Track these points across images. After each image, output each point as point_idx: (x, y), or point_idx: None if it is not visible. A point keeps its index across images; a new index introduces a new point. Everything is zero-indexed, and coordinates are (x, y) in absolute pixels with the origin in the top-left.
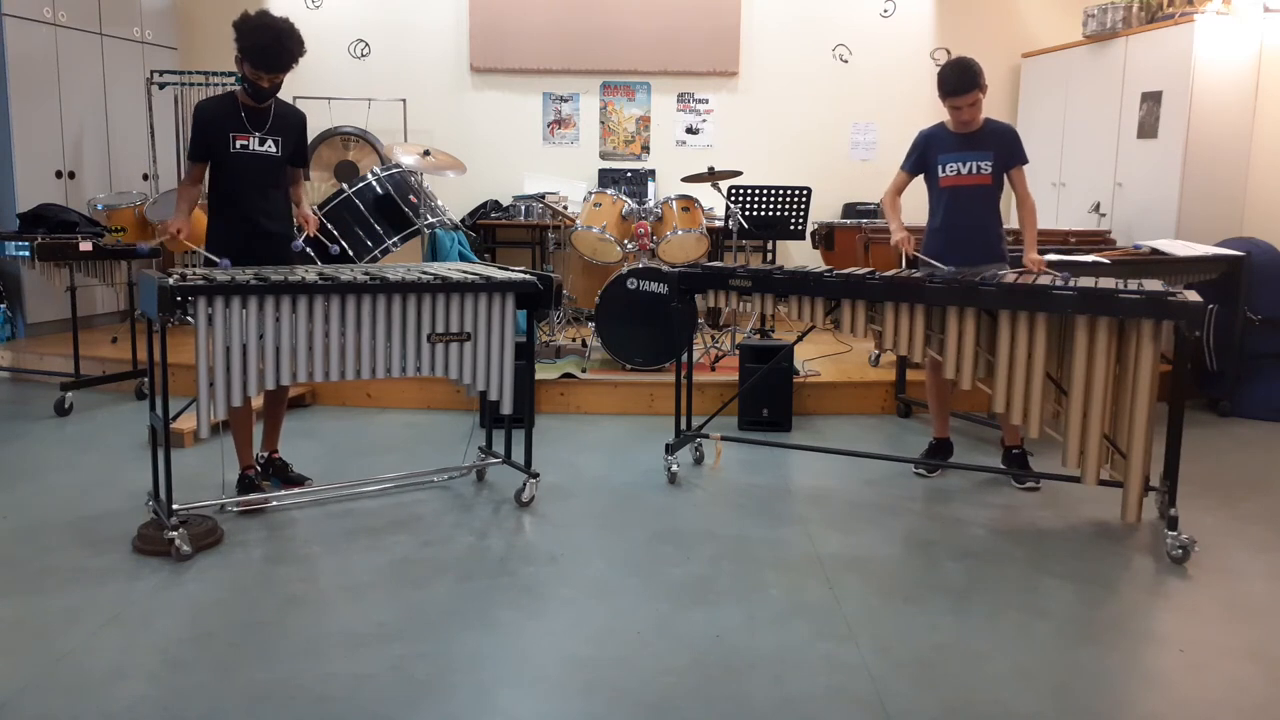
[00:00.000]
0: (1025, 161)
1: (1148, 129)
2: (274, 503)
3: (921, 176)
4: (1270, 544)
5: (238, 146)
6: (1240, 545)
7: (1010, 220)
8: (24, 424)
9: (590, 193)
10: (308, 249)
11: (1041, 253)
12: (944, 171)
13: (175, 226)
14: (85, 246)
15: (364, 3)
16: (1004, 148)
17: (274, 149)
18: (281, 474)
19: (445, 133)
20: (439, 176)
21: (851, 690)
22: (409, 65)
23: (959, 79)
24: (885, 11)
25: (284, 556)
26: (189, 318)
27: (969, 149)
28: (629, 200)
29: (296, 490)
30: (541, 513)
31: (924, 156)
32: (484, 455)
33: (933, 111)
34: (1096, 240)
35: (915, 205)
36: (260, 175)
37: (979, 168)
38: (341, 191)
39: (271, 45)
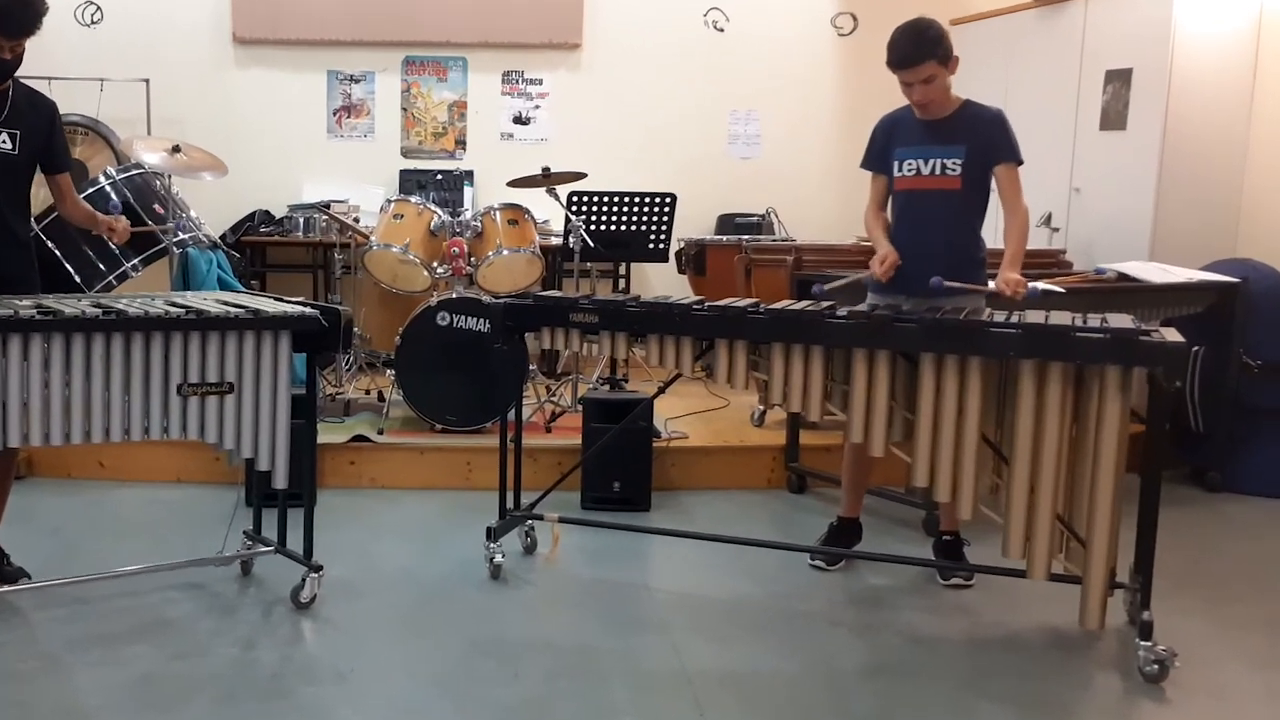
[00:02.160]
0: (1017, 159)
1: (1113, 118)
2: None
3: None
4: (1269, 657)
5: None
6: (1232, 658)
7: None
8: None
9: (389, 201)
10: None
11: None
12: (899, 170)
13: None
14: None
15: None
16: (982, 140)
17: (10, 145)
18: None
19: (201, 123)
20: (193, 179)
21: None
22: (153, 35)
23: (908, 47)
24: None
25: None
26: None
27: (934, 141)
28: (439, 211)
29: (9, 588)
30: (325, 616)
31: (884, 149)
32: (251, 542)
33: (839, 95)
34: (1047, 262)
35: None
36: None
37: (944, 166)
38: None
39: (9, 1)
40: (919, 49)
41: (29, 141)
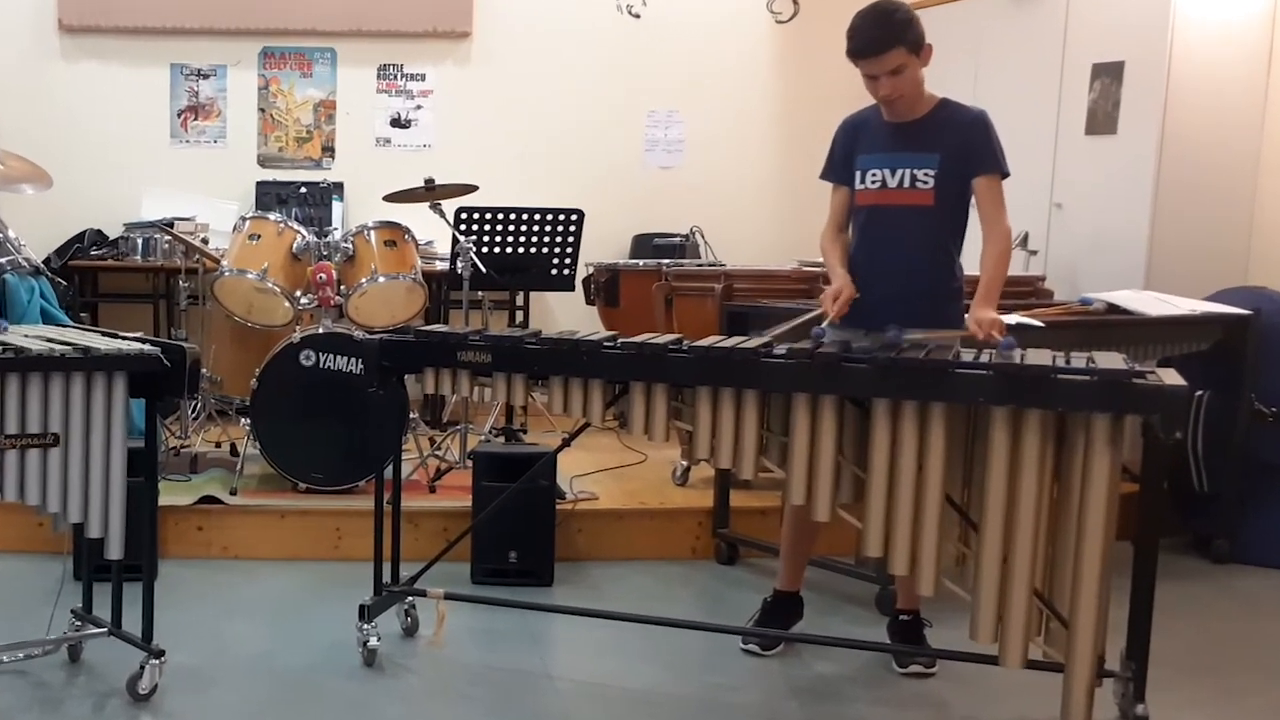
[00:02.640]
0: (1000, 171)
1: (1102, 120)
2: None
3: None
4: None
5: None
6: None
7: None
8: None
9: (244, 218)
10: None
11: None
12: (862, 182)
13: None
14: None
15: None
16: (960, 148)
17: None
18: None
19: (20, 126)
20: (11, 193)
21: None
22: None
23: (872, 32)
24: None
25: None
26: None
27: (903, 147)
28: (303, 230)
29: None
30: (168, 710)
31: (847, 155)
32: (80, 623)
33: (777, 93)
34: (1023, 291)
35: None
36: None
37: (914, 178)
38: None
39: None
40: (885, 34)
41: None
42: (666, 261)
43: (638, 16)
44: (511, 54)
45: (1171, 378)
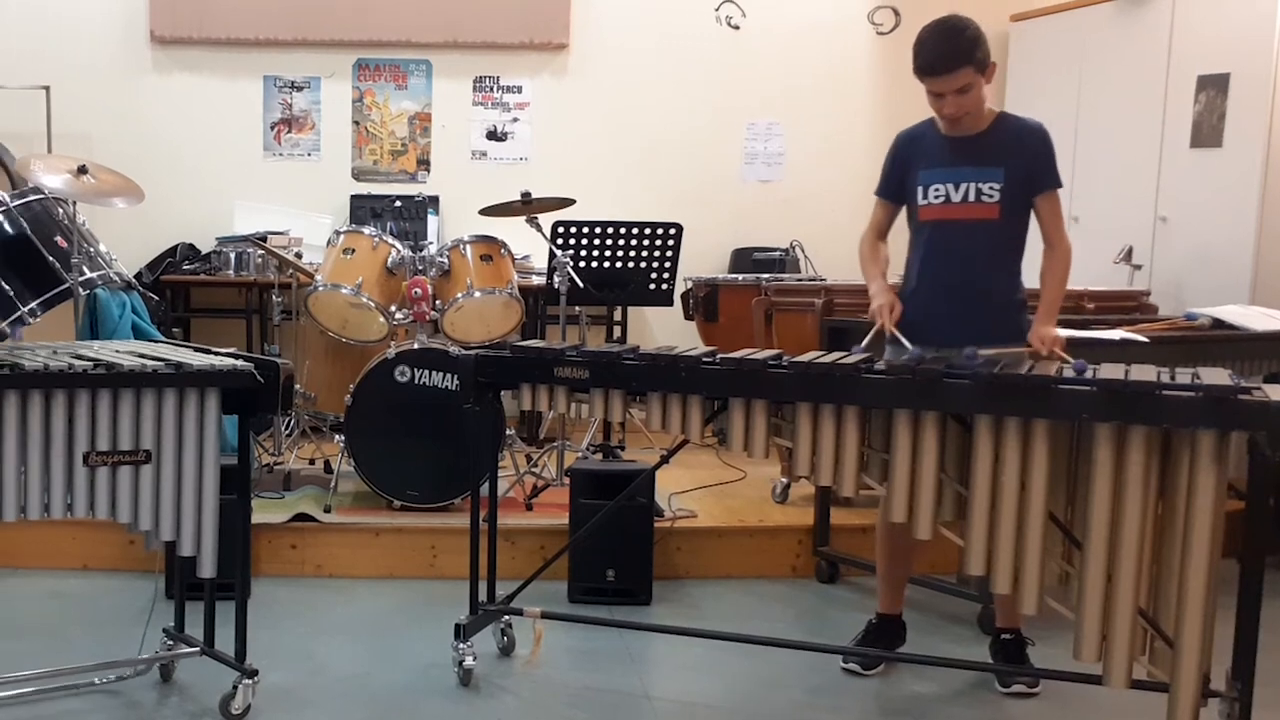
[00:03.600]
0: (1059, 184)
1: (1207, 133)
2: None
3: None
4: None
5: None
6: None
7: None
8: None
9: (338, 232)
10: None
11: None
12: (924, 197)
13: None
14: None
15: None
16: (1024, 161)
17: None
18: None
19: (111, 139)
20: (102, 206)
21: None
22: (54, 35)
23: (941, 50)
24: None
25: None
26: None
27: (966, 161)
28: (398, 244)
29: None
30: None
31: (903, 171)
32: (172, 642)
33: (878, 105)
34: (1127, 306)
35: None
36: None
37: (979, 192)
38: None
39: None
40: (954, 52)
41: None
42: (766, 276)
43: (737, 28)
44: (609, 66)
45: (1278, 393)
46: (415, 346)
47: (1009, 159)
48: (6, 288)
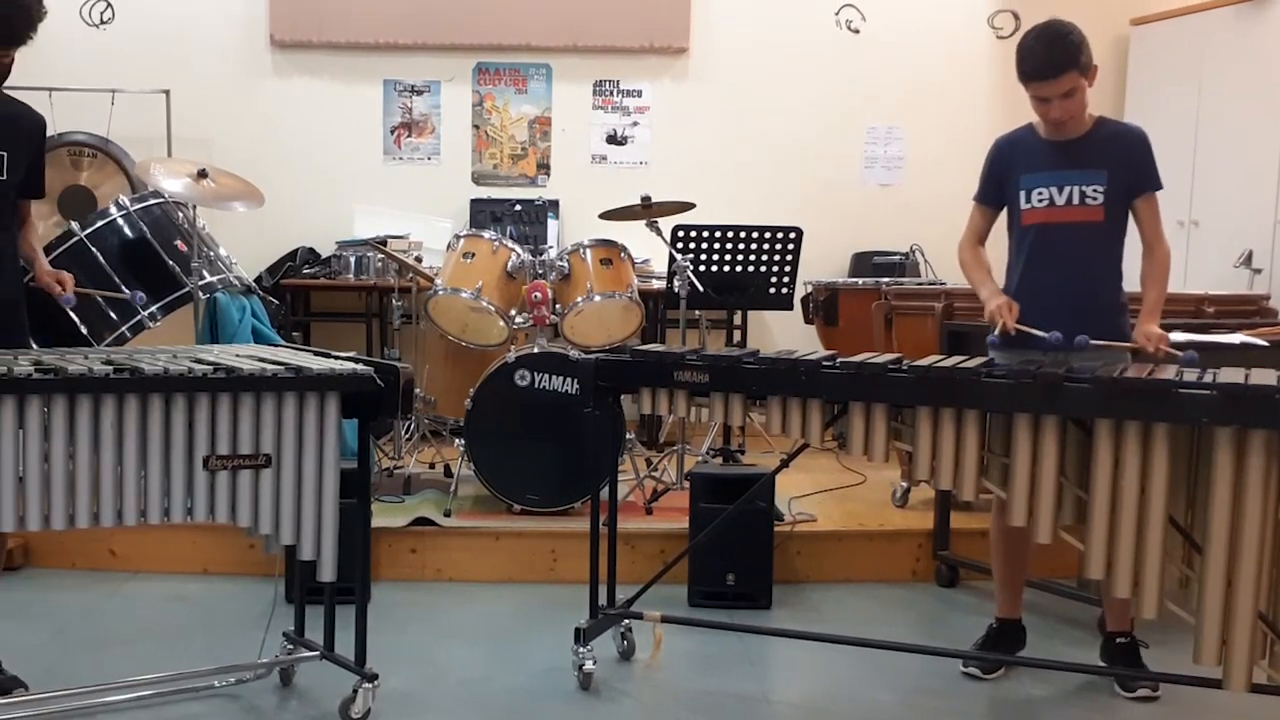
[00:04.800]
0: (1158, 186)
1: None
2: None
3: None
4: None
5: None
6: None
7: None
8: None
9: (458, 236)
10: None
11: (1167, 327)
12: (1028, 201)
13: None
14: None
15: None
16: (1126, 164)
17: None
18: None
19: (232, 143)
20: (222, 210)
21: None
22: (174, 38)
23: (1047, 55)
24: None
25: None
26: None
27: (1069, 164)
28: (518, 248)
29: (2, 701)
30: None
31: (1002, 176)
32: (292, 646)
33: (998, 110)
34: (1247, 309)
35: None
36: None
37: (1084, 195)
38: (70, 234)
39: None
40: (1060, 57)
41: (17, 165)
42: (886, 280)
43: (857, 32)
44: (729, 70)
45: None
46: (535, 350)
47: (1111, 161)
48: (126, 292)
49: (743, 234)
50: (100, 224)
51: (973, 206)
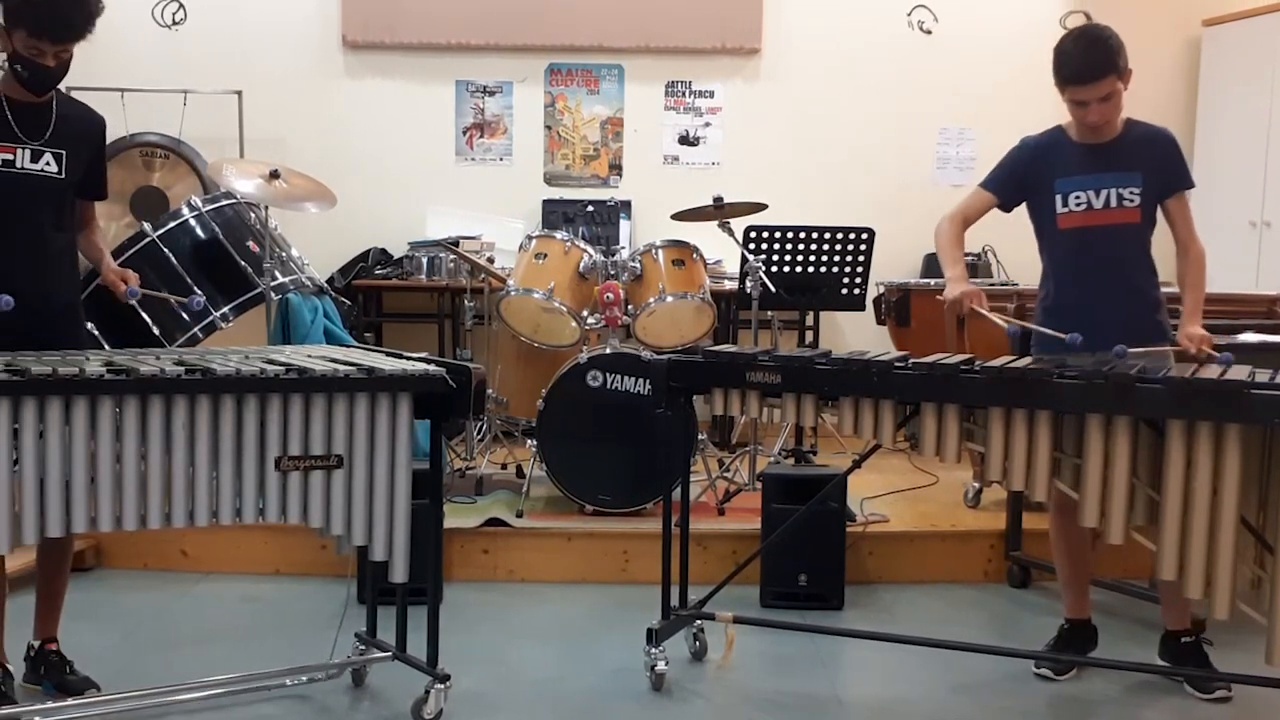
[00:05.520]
0: (1190, 185)
1: None
2: None
3: (1025, 213)
4: None
5: None
6: None
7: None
8: None
9: (530, 237)
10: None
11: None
12: (1064, 205)
13: None
14: None
15: None
16: (1159, 165)
17: (55, 168)
18: (56, 675)
19: (304, 144)
20: (294, 211)
21: None
22: (247, 39)
23: (1085, 58)
24: None
25: None
26: None
27: (1104, 167)
28: (590, 249)
29: (75, 702)
30: None
31: (1027, 178)
32: (364, 647)
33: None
34: None
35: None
36: (30, 209)
37: (1121, 197)
38: (142, 235)
39: None
40: (1100, 61)
41: (75, 165)
42: None
43: (929, 33)
44: (801, 71)
45: None
46: (607, 351)
47: (1145, 163)
48: (198, 293)
49: (815, 235)
50: (172, 225)
51: (976, 190)
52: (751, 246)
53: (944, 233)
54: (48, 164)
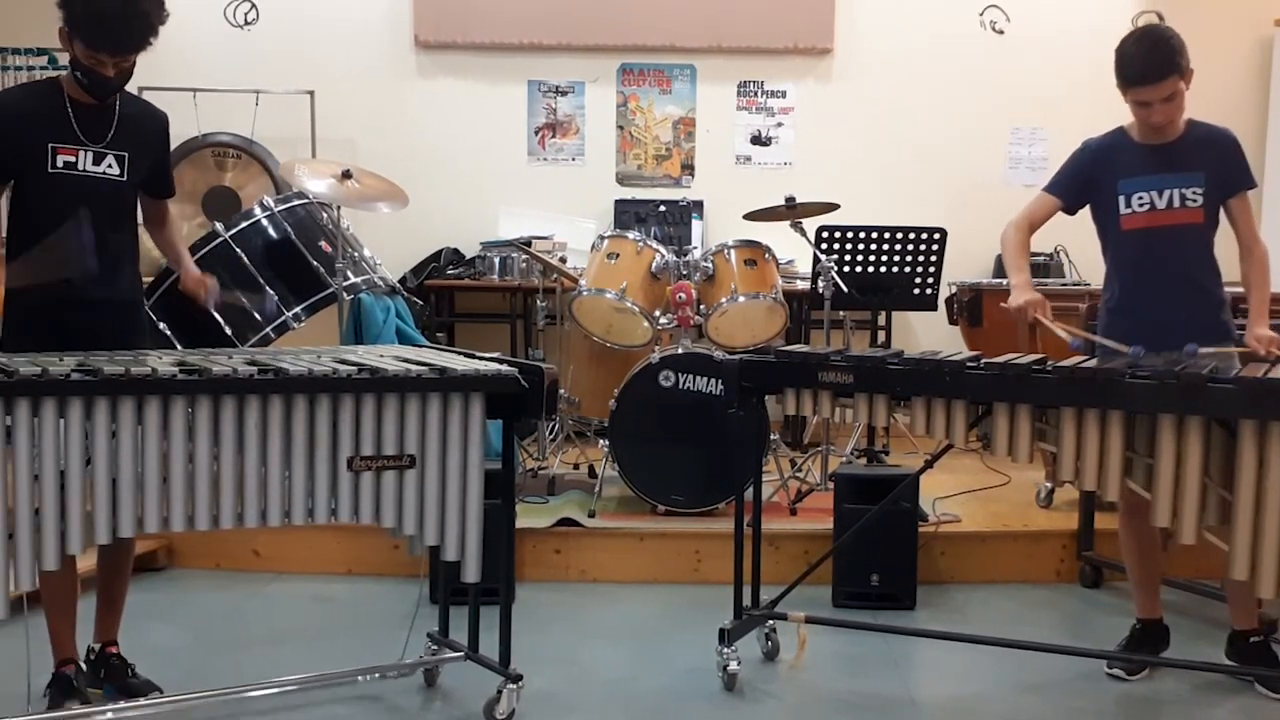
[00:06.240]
0: (1253, 185)
1: None
2: None
3: (1088, 215)
4: None
5: (59, 164)
6: None
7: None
8: None
9: (603, 237)
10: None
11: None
12: (1128, 206)
13: None
14: None
15: None
16: (1221, 165)
17: (117, 170)
18: (118, 679)
19: (376, 144)
20: (367, 211)
21: None
22: (319, 39)
23: (1148, 59)
24: None
25: None
26: None
27: (1167, 168)
28: (662, 249)
29: (140, 703)
30: None
31: (1090, 180)
32: (436, 647)
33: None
34: None
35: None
36: (93, 210)
37: (1184, 197)
38: (214, 235)
39: (117, 10)
40: (1163, 62)
41: (137, 167)
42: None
43: (1001, 32)
44: (872, 70)
45: None
46: (679, 351)
47: (1207, 163)
48: (271, 292)
49: (887, 235)
50: (245, 225)
51: (1040, 194)
52: (824, 246)
53: (1009, 239)
54: (110, 166)
